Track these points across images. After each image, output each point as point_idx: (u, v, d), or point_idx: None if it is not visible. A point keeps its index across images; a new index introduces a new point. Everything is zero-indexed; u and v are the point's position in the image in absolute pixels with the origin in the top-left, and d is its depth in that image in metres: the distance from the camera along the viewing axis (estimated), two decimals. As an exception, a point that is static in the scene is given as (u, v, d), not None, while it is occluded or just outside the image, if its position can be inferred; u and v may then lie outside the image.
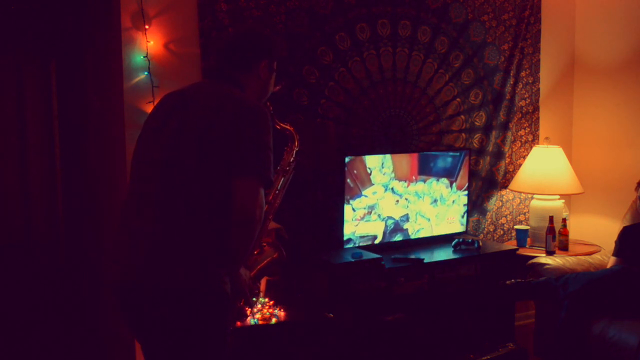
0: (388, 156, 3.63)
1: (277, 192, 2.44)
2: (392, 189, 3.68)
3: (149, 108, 2.20)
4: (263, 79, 2.30)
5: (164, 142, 2.08)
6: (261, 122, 2.07)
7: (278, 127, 2.49)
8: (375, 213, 3.63)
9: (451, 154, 3.85)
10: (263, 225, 2.22)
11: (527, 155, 4.30)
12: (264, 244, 2.41)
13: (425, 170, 3.78)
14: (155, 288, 1.98)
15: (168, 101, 2.21)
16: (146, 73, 3.21)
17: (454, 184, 3.88)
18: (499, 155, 4.28)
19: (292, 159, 2.51)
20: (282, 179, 2.47)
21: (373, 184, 3.60)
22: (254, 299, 2.74)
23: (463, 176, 3.89)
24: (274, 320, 2.98)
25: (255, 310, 3.00)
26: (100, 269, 3.32)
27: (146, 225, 2.02)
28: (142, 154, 2.16)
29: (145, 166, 2.11)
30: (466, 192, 3.93)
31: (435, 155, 3.82)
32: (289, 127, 2.53)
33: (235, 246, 2.02)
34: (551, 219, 3.97)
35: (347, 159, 3.48)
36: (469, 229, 4.12)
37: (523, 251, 3.98)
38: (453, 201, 3.91)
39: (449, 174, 3.85)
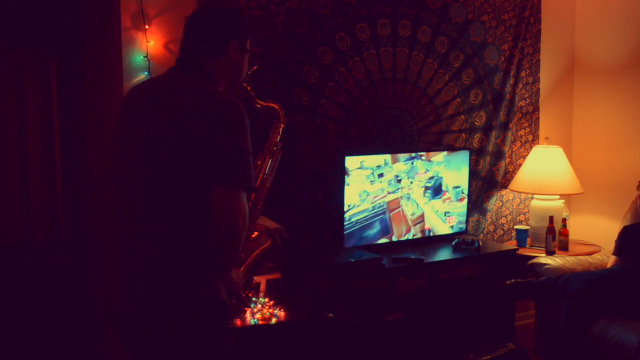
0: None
1: (265, 175, 2.30)
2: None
3: (121, 103, 2.10)
4: (234, 61, 2.09)
5: (132, 154, 1.94)
6: (236, 123, 1.90)
7: (259, 106, 2.35)
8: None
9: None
10: (252, 216, 2.13)
11: (527, 155, 4.30)
12: (256, 232, 2.33)
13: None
14: (149, 310, 1.91)
15: (132, 102, 2.03)
16: (146, 73, 3.21)
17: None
18: (499, 155, 4.28)
19: (278, 138, 2.37)
20: (270, 161, 2.33)
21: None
22: (251, 296, 2.72)
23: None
24: (274, 320, 2.98)
25: (255, 310, 3.00)
26: (100, 269, 3.32)
27: (131, 244, 1.93)
28: (113, 167, 2.02)
29: (119, 182, 1.99)
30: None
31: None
32: (272, 104, 2.36)
33: (222, 255, 1.92)
34: (551, 219, 3.97)
35: (347, 159, 3.49)
36: (469, 229, 4.12)
37: (523, 251, 3.98)
38: None
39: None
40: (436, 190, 3.86)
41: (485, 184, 4.26)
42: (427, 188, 3.83)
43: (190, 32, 2.09)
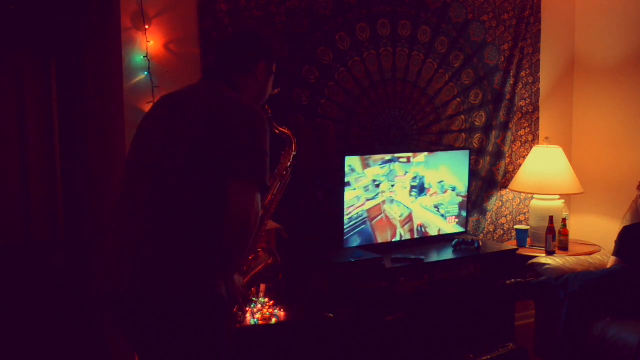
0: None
1: (273, 196, 2.39)
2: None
3: (149, 108, 2.19)
4: (260, 80, 2.25)
5: (154, 146, 2.04)
6: (257, 125, 2.01)
7: (277, 131, 2.46)
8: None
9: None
10: (258, 231, 2.18)
11: (527, 155, 4.31)
12: (259, 249, 2.38)
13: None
14: (149, 296, 1.95)
15: (162, 103, 2.17)
16: (146, 73, 3.21)
17: None
18: (499, 155, 4.28)
19: (289, 163, 2.47)
20: (279, 184, 2.43)
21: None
22: (247, 306, 2.74)
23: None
24: (274, 320, 2.98)
25: (255, 310, 3.00)
26: (100, 269, 3.32)
27: (137, 233, 1.98)
28: (133, 157, 2.11)
29: (136, 170, 2.07)
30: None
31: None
32: (286, 131, 2.48)
33: (230, 253, 1.97)
34: (551, 219, 3.97)
35: (347, 159, 3.49)
36: (469, 229, 4.12)
37: (523, 251, 3.98)
38: None
39: None
40: (421, 189, 3.83)
41: (485, 184, 4.26)
42: (412, 187, 3.79)
43: (222, 50, 2.25)
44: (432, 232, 3.89)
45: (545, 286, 3.50)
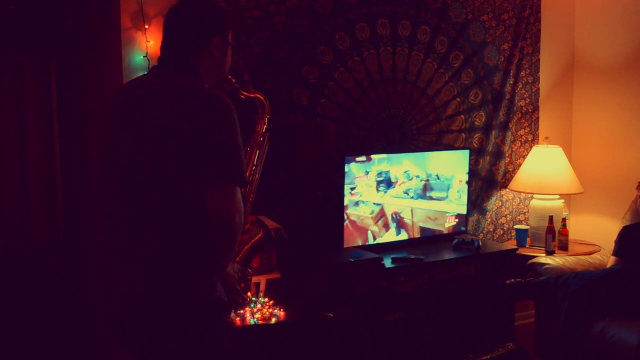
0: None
1: (254, 167, 2.30)
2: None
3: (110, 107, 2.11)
4: (218, 57, 2.05)
5: (123, 157, 1.92)
6: (228, 120, 1.88)
7: (243, 97, 2.34)
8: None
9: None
10: (245, 209, 2.10)
11: (527, 155, 4.31)
12: (248, 225, 2.32)
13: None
14: (148, 311, 1.91)
15: (120, 104, 2.01)
16: (146, 73, 3.21)
17: None
18: (499, 155, 4.28)
19: (265, 128, 2.36)
20: (258, 152, 2.32)
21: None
22: (250, 295, 2.72)
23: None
24: (274, 320, 2.98)
25: (255, 310, 3.00)
26: (100, 269, 3.32)
27: (126, 248, 1.94)
28: (104, 171, 2.00)
29: (111, 184, 1.98)
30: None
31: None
32: (257, 95, 2.35)
33: (219, 254, 1.92)
34: (551, 219, 3.97)
35: (347, 159, 3.48)
36: (469, 229, 4.12)
37: (523, 251, 3.98)
38: None
39: None
40: (389, 183, 3.73)
41: (485, 184, 4.26)
42: (379, 183, 3.68)
43: (170, 30, 2.05)
44: (407, 215, 3.81)
45: (545, 286, 3.50)
